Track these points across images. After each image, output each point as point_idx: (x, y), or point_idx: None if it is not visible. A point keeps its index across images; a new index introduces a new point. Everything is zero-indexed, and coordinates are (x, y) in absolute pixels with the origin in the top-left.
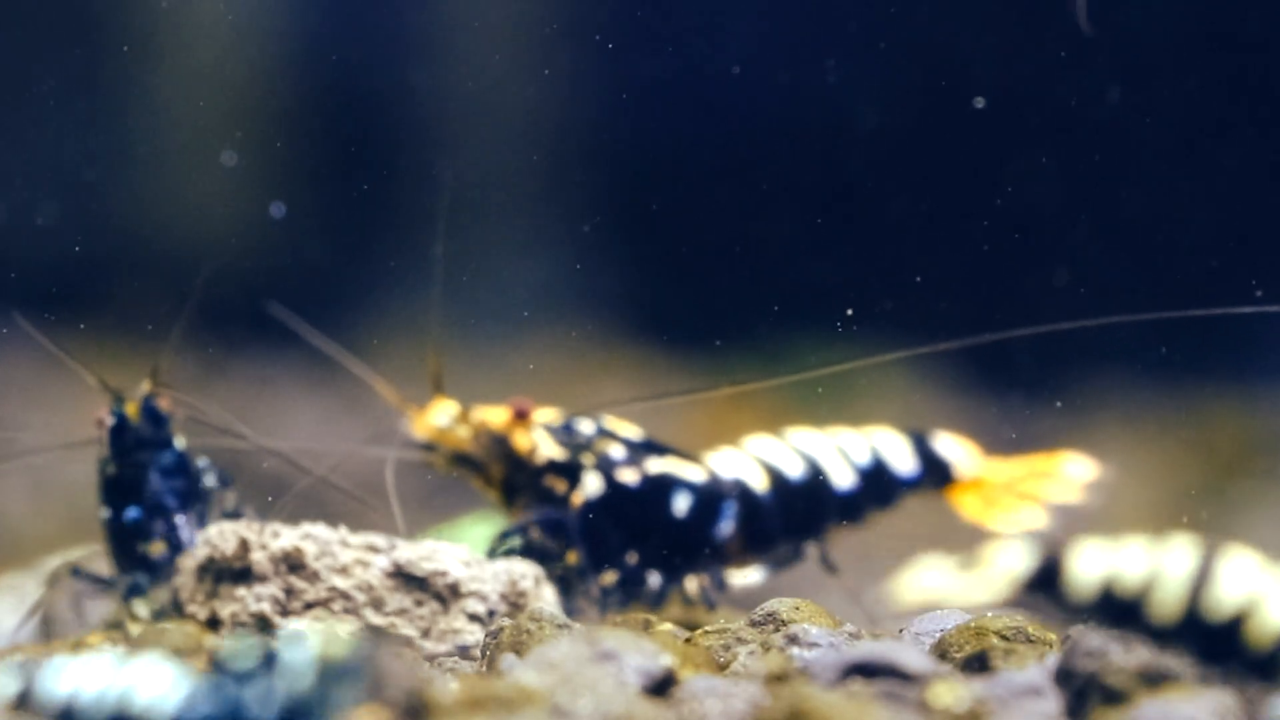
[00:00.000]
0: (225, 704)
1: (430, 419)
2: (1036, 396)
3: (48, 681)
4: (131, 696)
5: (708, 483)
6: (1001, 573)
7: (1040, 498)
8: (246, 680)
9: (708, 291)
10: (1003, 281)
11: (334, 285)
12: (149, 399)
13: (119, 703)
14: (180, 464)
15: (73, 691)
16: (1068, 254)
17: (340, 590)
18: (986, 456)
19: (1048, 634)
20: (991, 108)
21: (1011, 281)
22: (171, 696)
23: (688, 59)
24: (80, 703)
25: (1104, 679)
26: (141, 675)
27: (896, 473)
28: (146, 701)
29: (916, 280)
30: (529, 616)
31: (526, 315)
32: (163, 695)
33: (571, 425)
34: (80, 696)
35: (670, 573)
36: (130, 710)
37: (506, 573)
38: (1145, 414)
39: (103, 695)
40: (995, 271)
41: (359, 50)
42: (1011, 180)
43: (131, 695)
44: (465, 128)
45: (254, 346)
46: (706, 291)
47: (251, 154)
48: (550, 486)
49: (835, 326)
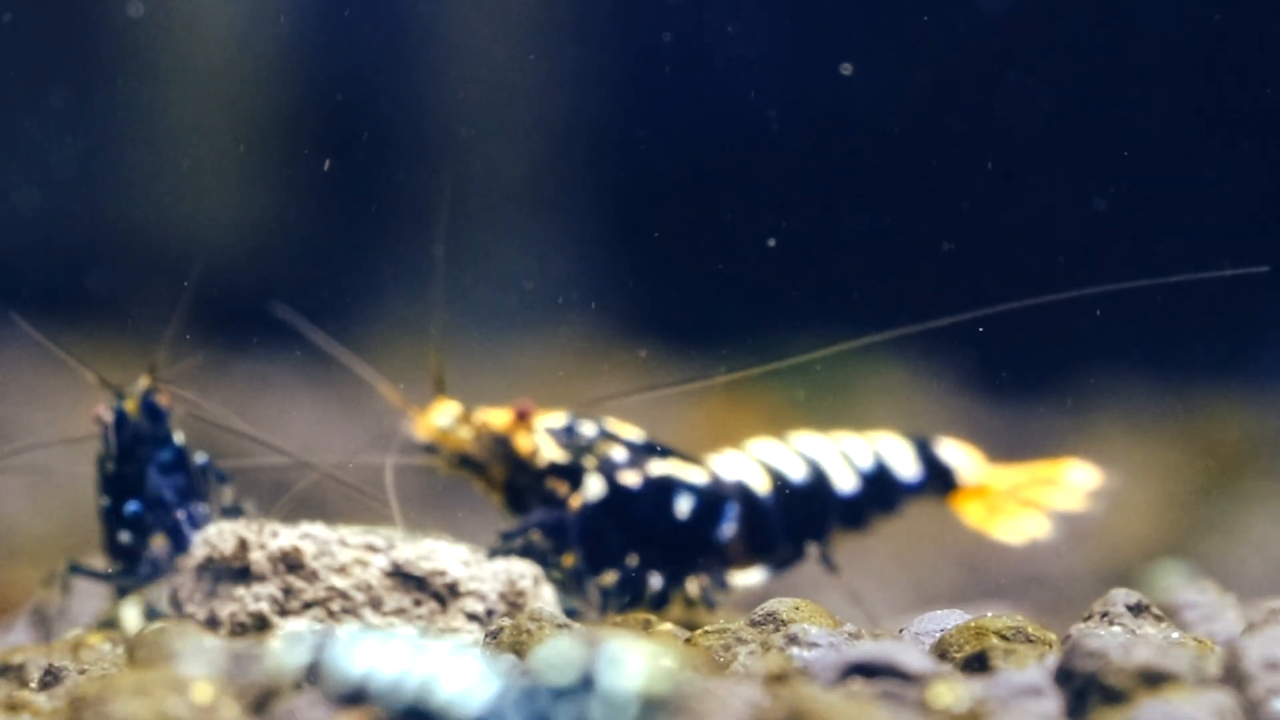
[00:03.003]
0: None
1: (432, 420)
2: (1036, 397)
3: (340, 657)
4: (433, 687)
5: (710, 485)
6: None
7: (1043, 505)
8: (563, 697)
9: (708, 292)
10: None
11: (335, 285)
12: (148, 395)
13: (419, 692)
14: (179, 460)
15: (368, 671)
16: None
17: (339, 590)
18: (990, 463)
19: (1047, 634)
20: (990, 107)
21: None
22: (477, 695)
23: (687, 59)
24: (375, 684)
25: (1104, 679)
26: (445, 665)
27: (899, 478)
28: (449, 696)
29: (916, 280)
30: (529, 616)
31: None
32: (467, 691)
33: (573, 427)
34: (376, 677)
35: (672, 574)
36: (430, 702)
37: (505, 572)
38: (1145, 414)
39: (401, 680)
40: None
41: (360, 51)
42: (1012, 180)
43: (433, 686)
44: (467, 128)
45: (255, 345)
46: (707, 292)
47: (253, 154)
48: (552, 488)
49: (836, 327)
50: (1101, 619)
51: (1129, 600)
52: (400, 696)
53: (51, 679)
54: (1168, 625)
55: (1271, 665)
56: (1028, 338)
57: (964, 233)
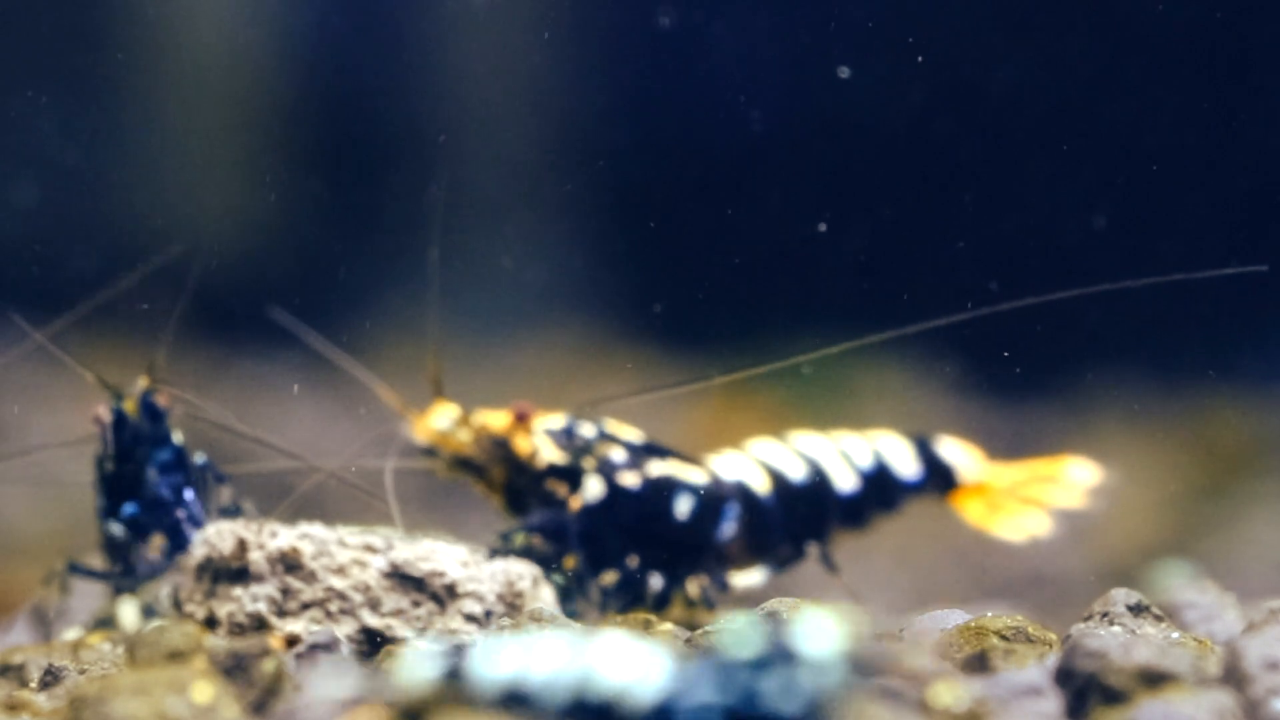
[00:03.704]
0: (735, 692)
1: (431, 423)
2: (1036, 396)
3: (484, 663)
4: (594, 678)
5: (709, 485)
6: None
7: (1043, 502)
8: (760, 668)
9: (708, 292)
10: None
11: (334, 287)
12: (147, 395)
13: (580, 685)
14: (178, 460)
15: (517, 673)
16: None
17: (337, 590)
18: (990, 461)
19: (1048, 634)
20: (990, 107)
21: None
22: (650, 679)
23: (686, 59)
24: (528, 686)
25: (1104, 679)
26: (605, 655)
27: (899, 476)
28: (616, 684)
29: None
30: (529, 617)
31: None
32: (639, 678)
33: (573, 428)
34: (528, 679)
35: (672, 575)
36: (595, 693)
37: (503, 573)
38: (1145, 414)
39: (555, 678)
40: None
41: (358, 51)
42: (1012, 180)
43: (593, 676)
44: (465, 128)
45: (254, 346)
46: (707, 292)
47: (252, 154)
48: (552, 490)
49: (836, 327)
50: (1101, 619)
51: (1129, 600)
52: (557, 693)
53: (51, 679)
54: (1168, 625)
55: (1271, 665)
56: (1027, 337)
57: (964, 233)
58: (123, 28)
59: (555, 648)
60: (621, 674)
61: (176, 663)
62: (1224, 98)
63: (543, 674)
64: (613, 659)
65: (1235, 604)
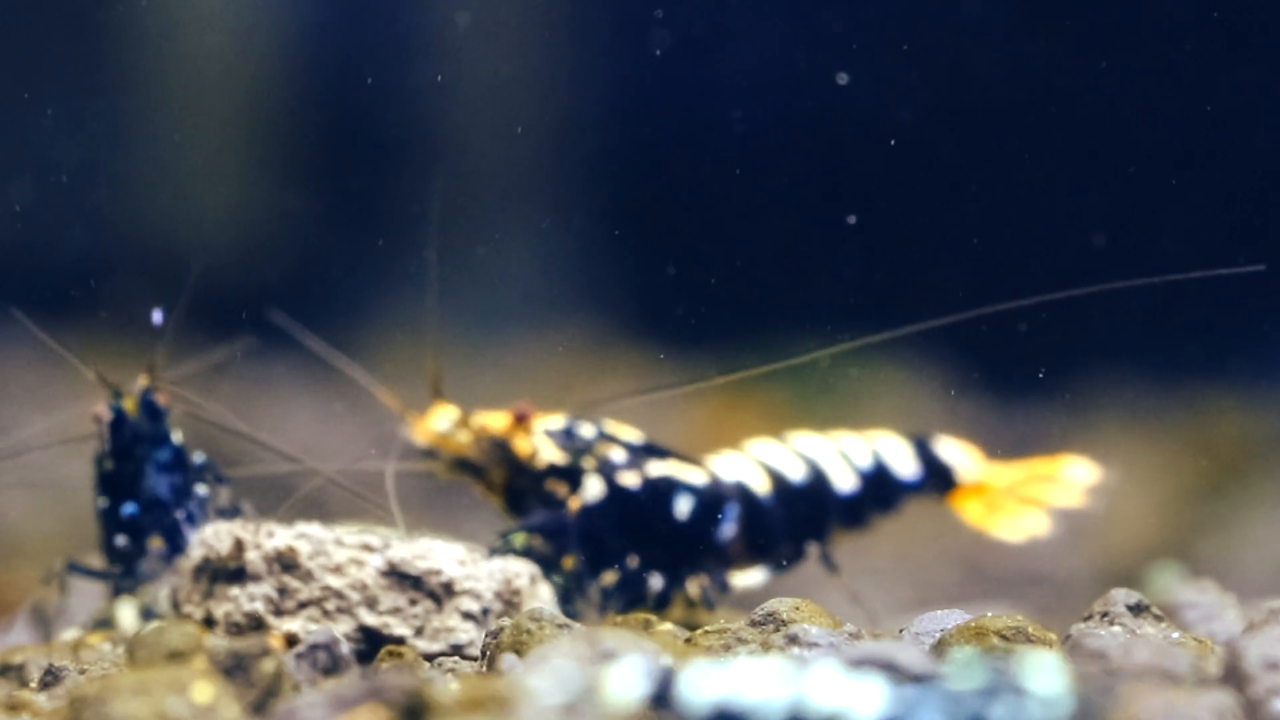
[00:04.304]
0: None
1: (431, 424)
2: (1036, 396)
3: (692, 686)
4: (806, 703)
5: (709, 485)
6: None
7: (1042, 502)
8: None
9: (708, 292)
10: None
11: (333, 288)
12: (147, 394)
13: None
14: (178, 459)
15: (726, 697)
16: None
17: (334, 589)
18: (988, 460)
19: (1048, 634)
20: (990, 107)
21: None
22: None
23: (687, 59)
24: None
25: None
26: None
27: (898, 476)
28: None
29: (916, 280)
30: (529, 616)
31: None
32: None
33: (572, 429)
34: (734, 702)
35: (672, 575)
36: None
37: (501, 571)
38: (1145, 414)
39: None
40: (996, 270)
41: (358, 51)
42: (1012, 180)
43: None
44: (464, 128)
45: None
46: (707, 292)
47: (251, 154)
48: (551, 490)
49: (837, 327)
50: (1101, 619)
51: (1129, 600)
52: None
53: (51, 679)
54: (1168, 625)
55: (1271, 665)
56: (1027, 337)
57: (964, 233)
58: (123, 28)
59: (765, 671)
60: (836, 698)
61: (176, 663)
62: (1224, 97)
63: (753, 698)
64: (825, 683)
65: (1235, 604)
